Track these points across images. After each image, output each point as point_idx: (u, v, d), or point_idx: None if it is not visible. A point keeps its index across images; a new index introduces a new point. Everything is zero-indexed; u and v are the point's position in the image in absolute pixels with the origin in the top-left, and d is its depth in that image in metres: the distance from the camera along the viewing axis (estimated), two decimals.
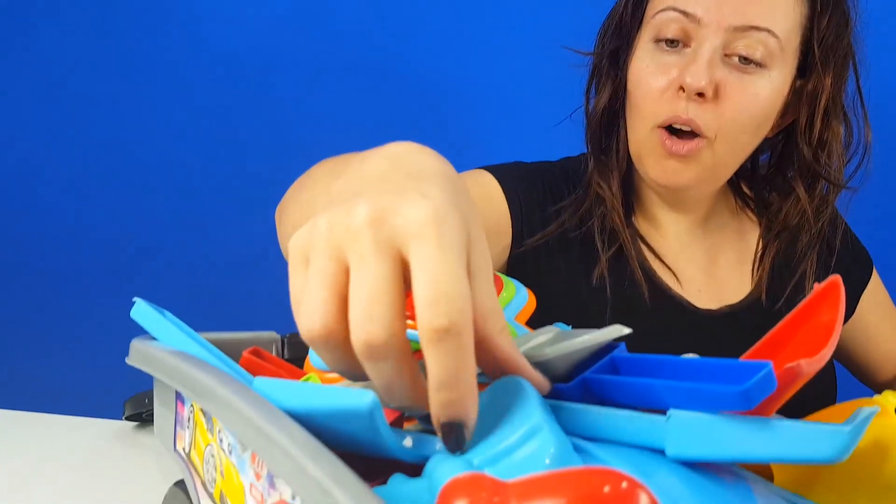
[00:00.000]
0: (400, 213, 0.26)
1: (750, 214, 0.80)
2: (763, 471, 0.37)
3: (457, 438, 0.27)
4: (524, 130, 1.25)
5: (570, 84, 0.75)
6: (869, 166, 0.71)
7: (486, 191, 0.74)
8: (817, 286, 0.36)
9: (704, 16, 0.64)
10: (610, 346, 0.40)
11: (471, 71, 1.32)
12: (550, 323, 0.66)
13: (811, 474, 0.35)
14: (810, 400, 0.42)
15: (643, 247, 0.75)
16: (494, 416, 0.30)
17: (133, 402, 0.75)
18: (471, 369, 0.26)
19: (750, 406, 0.29)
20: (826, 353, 0.33)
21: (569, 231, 0.74)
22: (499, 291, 0.47)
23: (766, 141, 0.72)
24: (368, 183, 0.30)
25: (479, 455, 0.28)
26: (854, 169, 0.72)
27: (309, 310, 0.27)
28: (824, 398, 0.76)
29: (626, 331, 0.40)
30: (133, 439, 0.75)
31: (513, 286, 0.49)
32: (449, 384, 0.26)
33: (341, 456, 0.28)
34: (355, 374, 0.29)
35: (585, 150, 0.78)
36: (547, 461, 0.27)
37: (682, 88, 0.65)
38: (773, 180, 0.77)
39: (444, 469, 0.28)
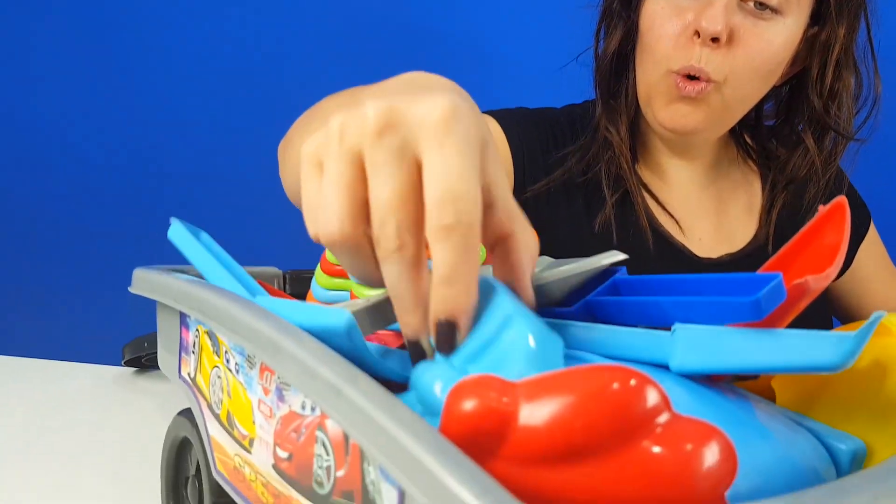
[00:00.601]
0: (414, 111, 0.26)
1: (752, 165, 0.80)
2: (765, 391, 0.37)
3: (449, 340, 0.27)
4: (530, 73, 1.23)
5: (577, 26, 0.74)
6: (878, 118, 0.71)
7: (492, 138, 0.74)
8: (822, 208, 0.37)
9: None
10: (610, 271, 0.40)
11: (476, 12, 1.31)
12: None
13: (812, 394, 0.35)
14: None
15: (646, 195, 0.75)
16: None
17: (132, 346, 0.75)
18: (473, 268, 0.26)
19: (761, 315, 0.29)
20: (832, 272, 0.33)
21: (574, 177, 0.73)
22: None
23: (771, 90, 0.72)
24: (382, 92, 0.30)
25: (459, 356, 0.28)
26: (863, 121, 0.72)
27: (327, 216, 0.27)
28: None
29: (622, 256, 0.40)
30: (133, 384, 0.76)
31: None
32: (450, 280, 0.26)
33: None
34: (372, 278, 0.29)
35: (590, 96, 0.77)
36: (531, 344, 0.26)
37: (696, 33, 0.64)
38: (780, 131, 0.77)
39: (430, 376, 0.28)
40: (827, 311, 0.82)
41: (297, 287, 0.53)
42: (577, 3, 0.73)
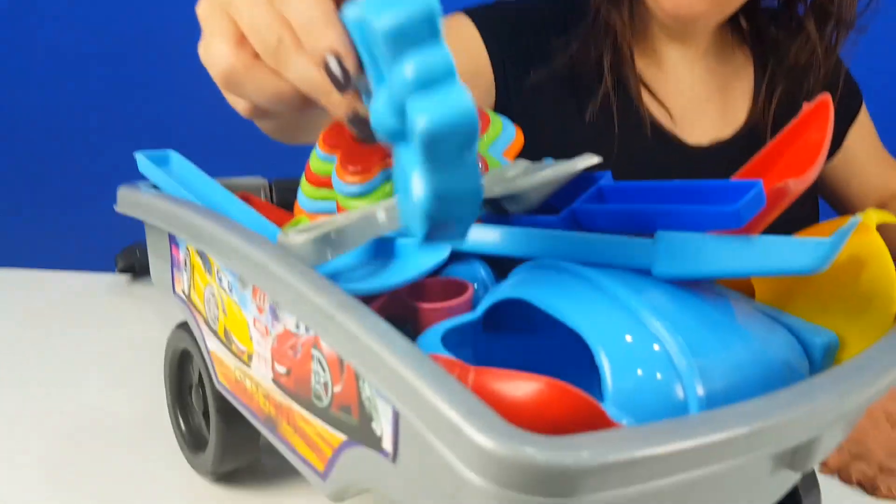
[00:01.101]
0: None
1: (746, 50, 0.79)
2: (745, 287, 0.38)
3: (343, 72, 0.29)
4: None
5: None
6: (878, 5, 0.70)
7: (463, 39, 0.72)
8: (807, 105, 0.37)
9: None
10: (594, 177, 0.40)
11: None
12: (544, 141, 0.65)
13: (790, 289, 0.37)
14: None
15: (641, 85, 0.74)
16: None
17: (124, 255, 0.76)
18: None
19: (741, 224, 0.30)
20: (813, 173, 0.33)
21: (560, 69, 0.72)
22: (485, 127, 0.47)
23: None
24: None
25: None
26: (865, 6, 0.70)
27: (215, 52, 0.31)
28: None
29: (596, 159, 0.40)
30: (128, 290, 0.77)
31: (499, 122, 0.48)
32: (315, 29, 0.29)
33: None
34: (283, 94, 0.31)
35: None
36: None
37: None
38: (780, 16, 0.75)
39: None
40: (816, 197, 0.83)
41: (284, 196, 0.53)
42: None
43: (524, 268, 0.35)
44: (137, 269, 0.77)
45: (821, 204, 0.85)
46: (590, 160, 0.40)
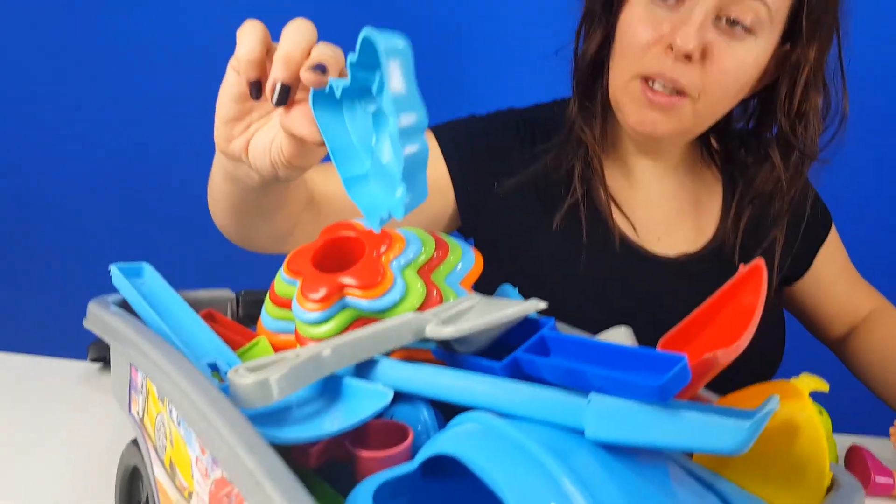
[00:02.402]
0: None
1: (715, 169, 0.81)
2: None
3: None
4: (510, 68, 1.23)
5: (560, 24, 0.74)
6: (844, 137, 0.72)
7: None
8: (742, 268, 0.38)
9: None
10: (540, 322, 0.41)
11: (461, 7, 1.29)
12: (511, 272, 0.67)
13: None
14: (756, 355, 0.45)
15: (611, 196, 0.76)
16: None
17: (95, 346, 0.76)
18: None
19: (665, 399, 0.30)
20: (743, 342, 0.34)
21: (529, 179, 0.74)
22: (443, 256, 0.48)
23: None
24: None
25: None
26: (829, 139, 0.73)
27: (244, 47, 0.43)
28: (772, 353, 0.79)
29: (542, 305, 0.42)
30: (98, 381, 0.77)
31: (458, 249, 0.50)
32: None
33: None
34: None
35: (566, 91, 0.77)
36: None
37: (670, 47, 0.65)
38: (748, 140, 0.78)
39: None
40: (783, 316, 0.84)
41: (251, 309, 0.54)
42: (560, 3, 0.72)
43: (463, 419, 0.36)
44: (108, 359, 0.77)
45: (789, 319, 0.86)
46: (536, 306, 0.41)
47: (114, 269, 0.49)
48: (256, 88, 0.43)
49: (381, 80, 0.39)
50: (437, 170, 0.74)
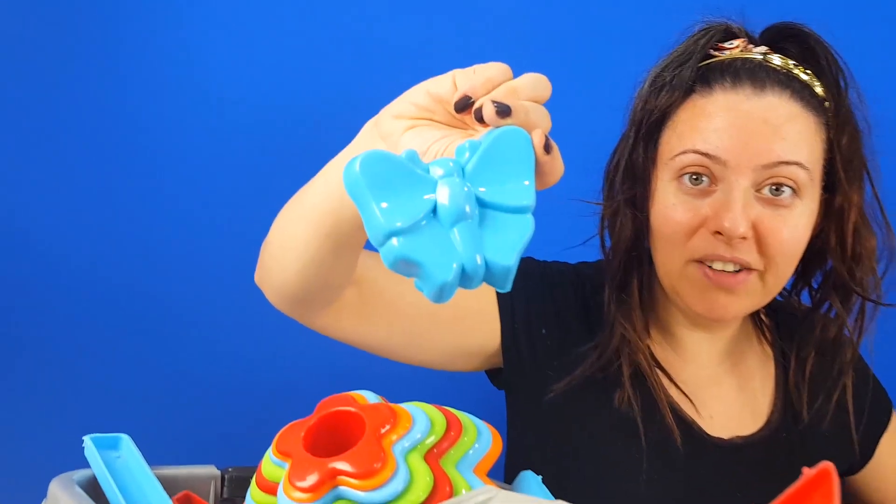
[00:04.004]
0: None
1: (766, 344, 0.75)
2: None
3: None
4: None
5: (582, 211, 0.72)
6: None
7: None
8: (807, 472, 0.32)
9: (731, 158, 0.62)
10: None
11: None
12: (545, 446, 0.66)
13: None
14: None
15: (660, 373, 0.70)
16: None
17: None
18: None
19: None
20: None
21: (583, 379, 0.68)
22: (456, 436, 0.43)
23: None
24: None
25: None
26: (882, 274, 0.69)
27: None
28: None
29: None
30: None
31: (473, 429, 0.44)
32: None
33: None
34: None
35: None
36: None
37: (718, 232, 0.62)
38: (797, 293, 0.74)
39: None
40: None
41: (237, 490, 0.49)
42: (579, 211, 0.70)
43: None
44: None
45: None
46: None
47: (87, 442, 0.44)
48: (465, 102, 0.40)
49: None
50: (486, 297, 0.69)
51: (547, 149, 0.38)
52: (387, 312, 0.63)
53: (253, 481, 0.44)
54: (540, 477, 0.48)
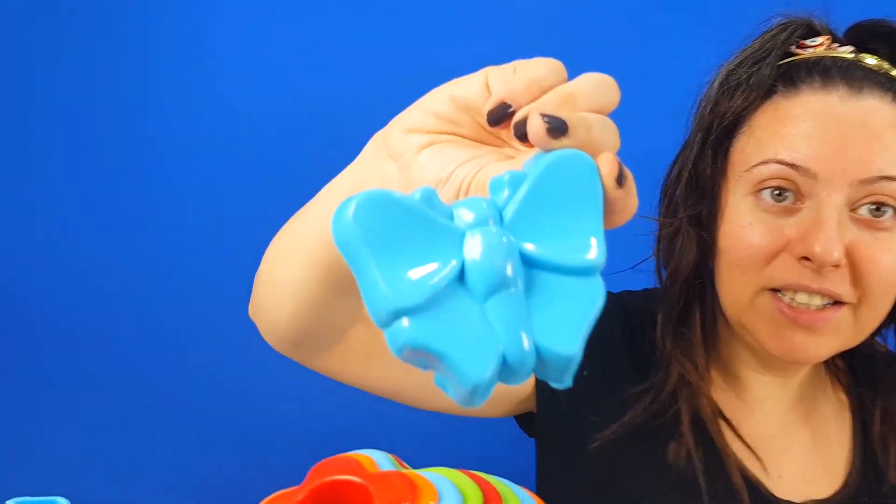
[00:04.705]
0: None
1: (840, 392, 0.67)
2: None
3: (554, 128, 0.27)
4: None
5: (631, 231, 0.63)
6: None
7: None
8: None
9: (822, 170, 0.53)
10: None
11: None
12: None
13: None
14: None
15: (722, 422, 0.62)
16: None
17: None
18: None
19: None
20: None
21: (639, 416, 0.61)
22: None
23: None
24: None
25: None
26: None
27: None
28: None
29: None
30: None
31: (514, 500, 0.34)
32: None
33: None
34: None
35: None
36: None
37: (805, 258, 0.54)
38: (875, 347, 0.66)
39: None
40: None
41: None
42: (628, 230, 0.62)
43: None
44: None
45: None
46: None
47: None
48: (502, 112, 0.29)
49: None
50: None
51: (620, 180, 0.27)
52: None
53: None
54: None
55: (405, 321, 0.23)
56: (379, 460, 0.36)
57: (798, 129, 0.55)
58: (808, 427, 0.64)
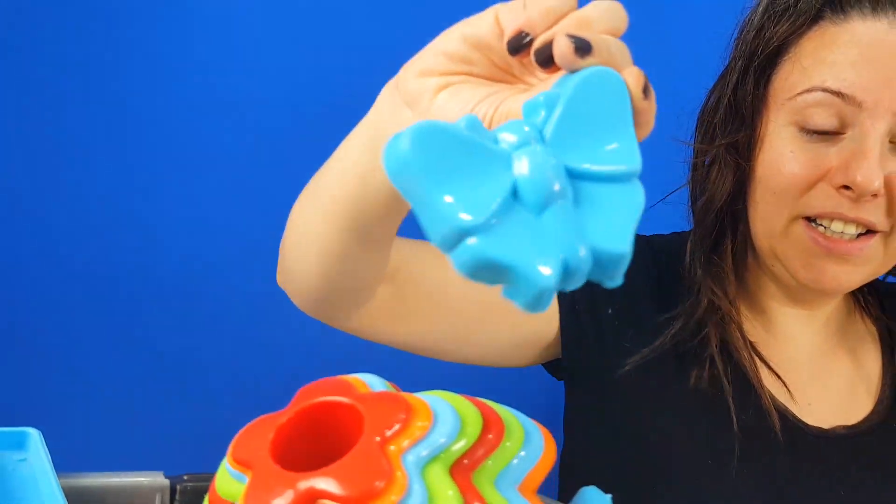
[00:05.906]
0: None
1: (869, 322, 0.67)
2: None
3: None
4: None
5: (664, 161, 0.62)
6: None
7: None
8: None
9: (868, 99, 0.54)
10: None
11: None
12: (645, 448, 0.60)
13: None
14: None
15: (751, 349, 0.63)
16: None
17: None
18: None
19: None
20: None
21: (661, 351, 0.61)
22: (496, 441, 0.30)
23: None
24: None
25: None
26: None
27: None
28: None
29: None
30: None
31: (519, 431, 0.32)
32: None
33: None
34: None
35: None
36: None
37: (845, 187, 0.55)
38: None
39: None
40: None
41: (190, 501, 0.36)
42: (667, 154, 0.60)
43: None
44: None
45: None
46: None
47: None
48: (520, 40, 0.31)
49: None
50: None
51: (646, 92, 0.30)
52: (429, 308, 0.57)
53: (206, 498, 0.31)
54: (609, 496, 0.35)
55: (471, 241, 0.25)
56: (371, 382, 0.33)
57: (846, 57, 0.55)
58: (836, 357, 0.65)
